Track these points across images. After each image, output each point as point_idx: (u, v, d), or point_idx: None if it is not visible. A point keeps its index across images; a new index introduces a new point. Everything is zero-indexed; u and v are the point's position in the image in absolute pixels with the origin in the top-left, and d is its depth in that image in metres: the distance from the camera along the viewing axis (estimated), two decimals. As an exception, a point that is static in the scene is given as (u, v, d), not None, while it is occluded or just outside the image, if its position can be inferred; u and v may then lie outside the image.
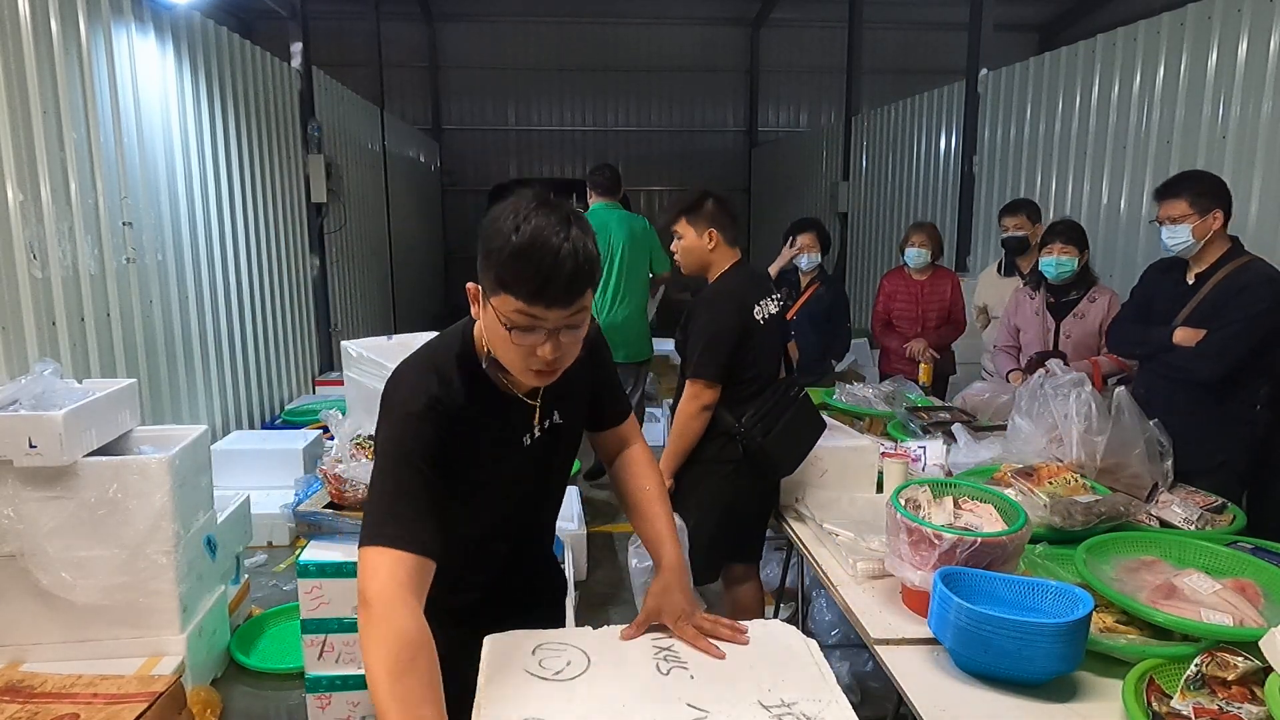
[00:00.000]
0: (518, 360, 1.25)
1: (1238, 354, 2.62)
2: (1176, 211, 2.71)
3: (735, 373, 2.49)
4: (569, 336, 1.24)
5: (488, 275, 1.21)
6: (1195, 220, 2.68)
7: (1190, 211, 2.69)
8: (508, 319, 1.20)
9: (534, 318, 1.19)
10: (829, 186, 9.37)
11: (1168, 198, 2.75)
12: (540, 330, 1.21)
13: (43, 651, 2.56)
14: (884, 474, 2.54)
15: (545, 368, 1.25)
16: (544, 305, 1.18)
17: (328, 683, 2.52)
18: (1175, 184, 2.78)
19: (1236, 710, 1.31)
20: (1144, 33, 4.54)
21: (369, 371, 2.89)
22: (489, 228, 1.21)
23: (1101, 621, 1.64)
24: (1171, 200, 2.73)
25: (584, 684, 1.25)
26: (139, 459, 2.60)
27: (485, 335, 1.28)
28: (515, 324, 1.20)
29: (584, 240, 1.20)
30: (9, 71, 3.07)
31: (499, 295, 1.19)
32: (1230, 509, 2.23)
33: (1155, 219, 2.81)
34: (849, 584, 1.99)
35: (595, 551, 4.07)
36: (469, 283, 1.30)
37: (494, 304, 1.21)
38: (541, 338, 1.21)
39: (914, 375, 4.01)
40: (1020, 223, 4.02)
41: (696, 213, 2.52)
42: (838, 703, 1.21)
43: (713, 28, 12.34)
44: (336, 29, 9.99)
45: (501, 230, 1.18)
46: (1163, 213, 2.76)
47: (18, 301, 3.07)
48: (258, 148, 5.40)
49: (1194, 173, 2.89)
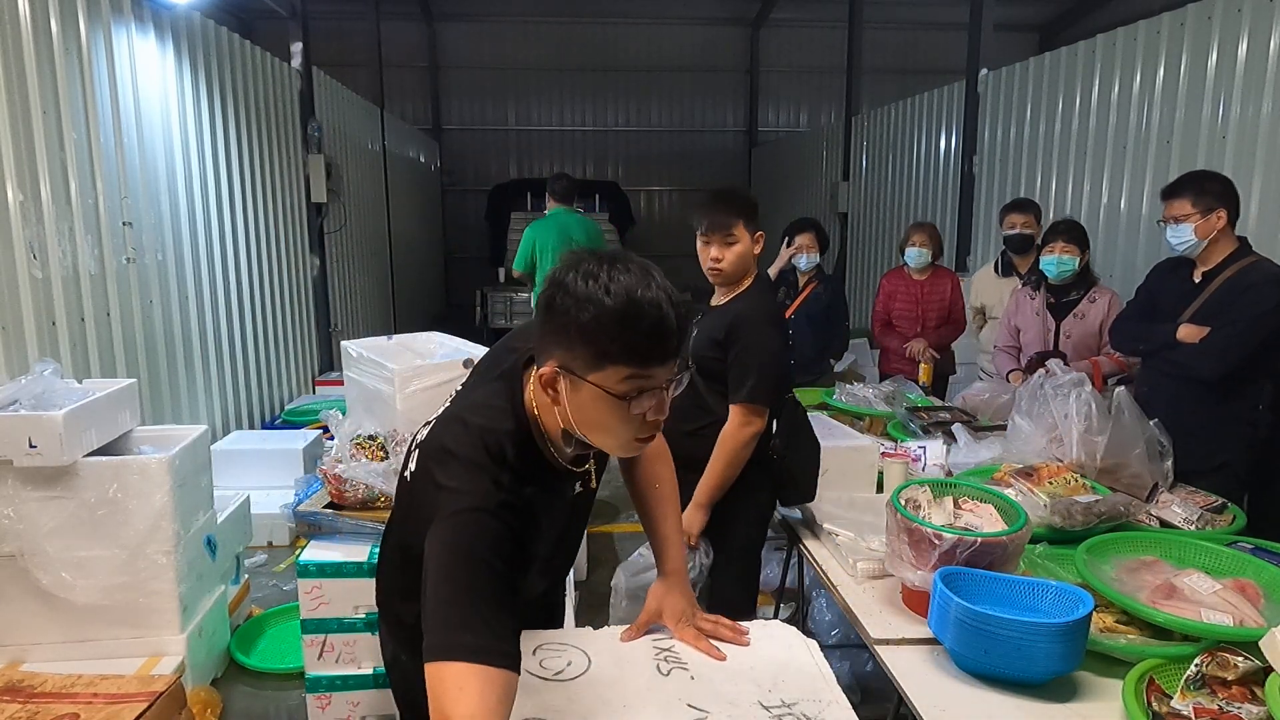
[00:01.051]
0: (627, 432, 1.16)
1: (1241, 353, 2.62)
2: (1180, 211, 2.72)
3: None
4: (675, 388, 1.16)
5: (582, 351, 1.10)
6: (1198, 220, 2.69)
7: (1193, 211, 2.69)
8: (619, 391, 1.11)
9: (646, 379, 1.11)
10: (829, 186, 9.37)
11: (1171, 197, 2.76)
12: (652, 392, 1.13)
13: (43, 651, 2.55)
14: (884, 474, 2.54)
15: (655, 430, 1.18)
16: (658, 364, 1.11)
17: (328, 683, 2.51)
18: (1179, 184, 2.79)
19: (1236, 710, 1.31)
20: (1144, 33, 4.54)
21: (369, 371, 2.89)
22: (565, 302, 1.10)
23: (1101, 621, 1.64)
24: (1175, 200, 2.75)
25: (584, 684, 1.25)
26: (139, 459, 2.59)
27: (574, 417, 1.17)
28: (630, 393, 1.11)
29: (668, 284, 1.13)
30: (9, 71, 3.06)
31: (601, 370, 1.10)
32: (1230, 509, 2.23)
33: (1161, 219, 2.82)
34: (849, 584, 1.99)
35: (595, 551, 4.07)
36: (538, 370, 1.17)
37: (594, 380, 1.11)
38: (653, 400, 1.13)
39: (914, 375, 4.01)
40: (1027, 221, 3.99)
41: (754, 218, 2.38)
42: (838, 703, 1.21)
43: (713, 28, 12.34)
44: (336, 29, 9.99)
45: (591, 298, 1.08)
46: (1167, 212, 2.77)
47: (18, 301, 3.07)
48: (258, 148, 5.40)
49: (1199, 173, 2.89)
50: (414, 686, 1.20)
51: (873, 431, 3.11)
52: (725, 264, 2.35)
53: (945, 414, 3.15)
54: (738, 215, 2.33)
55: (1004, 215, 4.10)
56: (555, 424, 1.21)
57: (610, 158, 12.89)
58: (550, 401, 1.18)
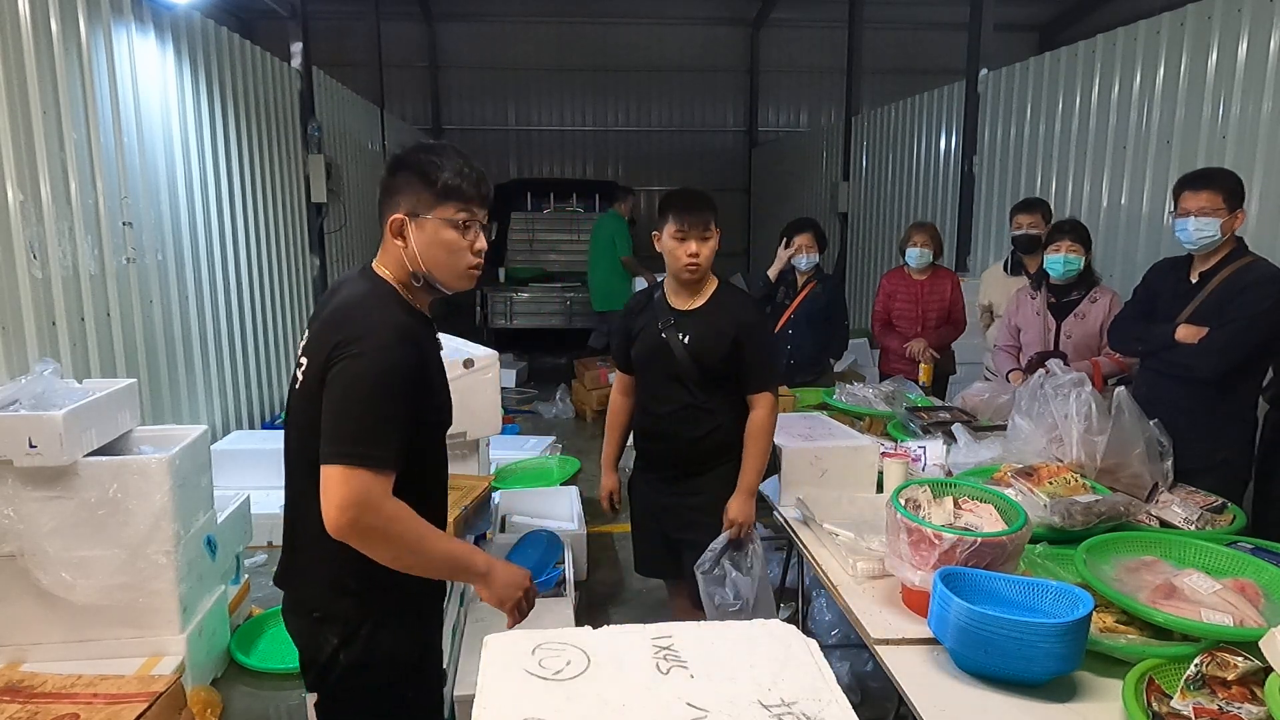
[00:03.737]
0: (462, 261, 1.58)
1: (1240, 352, 2.62)
2: (1209, 205, 2.62)
3: None
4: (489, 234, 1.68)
5: (426, 195, 1.54)
6: (1225, 215, 2.63)
7: (1222, 206, 2.62)
8: (459, 219, 1.55)
9: (473, 214, 1.56)
10: (829, 186, 9.37)
11: (1201, 189, 2.65)
12: (477, 228, 1.59)
13: (43, 651, 2.56)
14: (884, 474, 2.54)
15: (480, 261, 1.61)
16: (478, 204, 1.58)
17: (328, 683, 2.51)
18: (1207, 177, 2.69)
19: (1236, 710, 1.31)
20: (1144, 33, 4.54)
21: (369, 371, 2.89)
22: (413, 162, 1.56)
23: (1101, 621, 1.64)
24: (1201, 192, 2.64)
25: (584, 684, 1.25)
26: (139, 459, 2.59)
27: (420, 254, 1.54)
28: (466, 222, 1.57)
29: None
30: (9, 71, 3.06)
31: (442, 205, 1.54)
32: (1230, 509, 2.23)
33: (1178, 212, 2.71)
34: (849, 584, 1.99)
35: (595, 551, 4.07)
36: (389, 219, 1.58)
37: (438, 214, 1.54)
38: (478, 233, 1.59)
39: (914, 375, 4.01)
40: (1035, 221, 4.00)
41: (717, 217, 2.47)
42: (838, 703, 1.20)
43: (713, 28, 12.33)
44: (336, 29, 9.98)
45: (430, 158, 1.55)
46: (1190, 204, 2.66)
47: (18, 301, 3.07)
48: (258, 148, 5.40)
49: (1221, 169, 2.80)
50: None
51: (873, 431, 3.11)
52: (703, 259, 2.41)
53: (945, 414, 3.15)
54: (711, 212, 2.43)
55: (1012, 216, 4.11)
56: (404, 273, 1.57)
57: (610, 158, 12.88)
58: (400, 247, 1.54)
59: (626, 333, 2.60)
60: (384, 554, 1.45)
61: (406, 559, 1.47)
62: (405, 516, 1.44)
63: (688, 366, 2.44)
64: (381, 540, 1.43)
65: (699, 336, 2.43)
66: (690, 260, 2.40)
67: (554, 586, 3.13)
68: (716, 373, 2.45)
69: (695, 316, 2.47)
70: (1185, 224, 2.69)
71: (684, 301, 2.50)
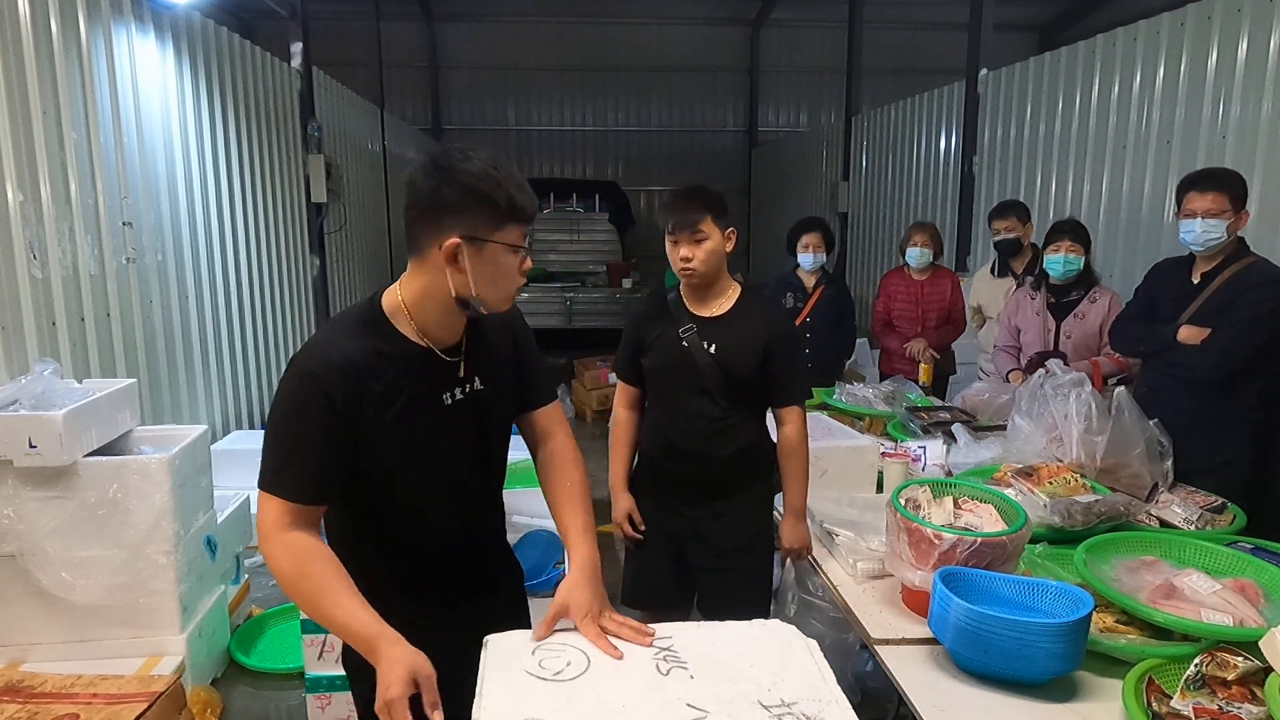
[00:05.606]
0: (513, 284, 1.42)
1: (1242, 353, 2.61)
2: (1216, 206, 2.62)
3: None
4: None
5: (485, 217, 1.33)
6: (1230, 217, 2.63)
7: (1228, 207, 2.62)
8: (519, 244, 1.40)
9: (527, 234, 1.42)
10: (829, 186, 9.37)
11: (1208, 190, 2.63)
12: (525, 250, 1.42)
13: (43, 651, 2.56)
14: (884, 474, 2.54)
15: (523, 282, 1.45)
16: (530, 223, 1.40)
17: (328, 683, 2.51)
18: (1216, 178, 2.68)
19: (1236, 710, 1.31)
20: (1144, 33, 4.54)
21: (369, 371, 2.90)
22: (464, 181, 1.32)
23: (1101, 621, 1.64)
24: (1209, 193, 2.63)
25: (584, 684, 1.25)
26: (139, 459, 2.59)
27: (474, 278, 1.34)
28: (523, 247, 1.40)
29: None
30: (9, 71, 3.06)
31: (503, 229, 1.34)
32: (1230, 509, 2.23)
33: (1182, 213, 2.69)
34: (849, 584, 1.99)
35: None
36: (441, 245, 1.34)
37: (499, 239, 1.34)
38: (526, 255, 1.42)
39: (914, 375, 4.02)
40: (1011, 225, 4.04)
41: (723, 214, 2.20)
42: (838, 703, 1.21)
43: (713, 28, 12.33)
44: (336, 29, 9.98)
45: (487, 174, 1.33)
46: (1197, 206, 2.64)
47: (18, 301, 3.07)
48: (258, 148, 5.39)
49: (1226, 170, 2.78)
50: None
51: (873, 431, 3.11)
52: (696, 262, 2.16)
53: (945, 414, 3.15)
54: (705, 210, 2.15)
55: (990, 221, 4.13)
56: (443, 295, 1.36)
57: (610, 158, 12.89)
58: (450, 272, 1.34)
59: (637, 342, 2.31)
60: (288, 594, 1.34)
61: (304, 607, 1.32)
62: (301, 560, 1.29)
63: (715, 378, 2.19)
64: (278, 577, 1.31)
65: (727, 345, 2.19)
66: (683, 265, 2.17)
67: (554, 587, 3.12)
68: (747, 385, 2.21)
69: (721, 324, 2.22)
70: (1191, 225, 2.67)
71: (705, 308, 2.25)
